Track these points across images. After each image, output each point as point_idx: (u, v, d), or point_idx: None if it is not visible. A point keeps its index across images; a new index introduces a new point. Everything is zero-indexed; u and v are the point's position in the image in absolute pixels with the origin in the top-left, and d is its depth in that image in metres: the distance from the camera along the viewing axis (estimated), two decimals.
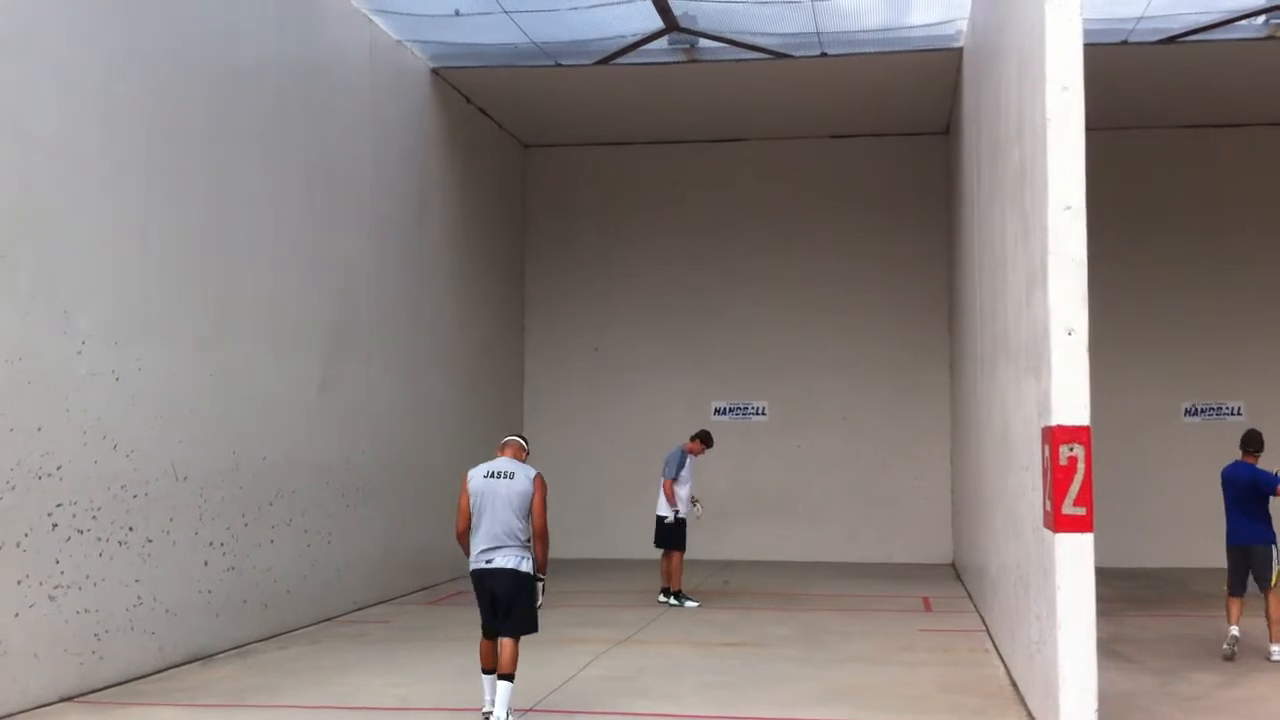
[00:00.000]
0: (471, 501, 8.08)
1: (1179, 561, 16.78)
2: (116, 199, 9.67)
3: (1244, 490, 10.63)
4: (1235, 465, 10.85)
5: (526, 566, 8.00)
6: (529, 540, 8.08)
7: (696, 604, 14.10)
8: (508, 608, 7.97)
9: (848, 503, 19.50)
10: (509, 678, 7.90)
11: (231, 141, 11.31)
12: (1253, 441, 10.83)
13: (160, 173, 10.23)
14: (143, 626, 9.75)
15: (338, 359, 13.31)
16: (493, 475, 8.11)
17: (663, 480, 14.39)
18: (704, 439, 14.76)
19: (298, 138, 12.57)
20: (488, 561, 7.98)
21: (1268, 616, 10.53)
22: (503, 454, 8.39)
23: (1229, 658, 10.49)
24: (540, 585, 8.12)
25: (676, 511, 14.28)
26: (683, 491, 14.39)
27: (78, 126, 9.27)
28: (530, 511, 8.05)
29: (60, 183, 9.05)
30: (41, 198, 8.84)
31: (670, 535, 14.34)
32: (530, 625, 8.08)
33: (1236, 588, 10.65)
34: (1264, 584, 10.51)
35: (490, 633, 8.08)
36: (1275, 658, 10.46)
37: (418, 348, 15.60)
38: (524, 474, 8.13)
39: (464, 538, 8.19)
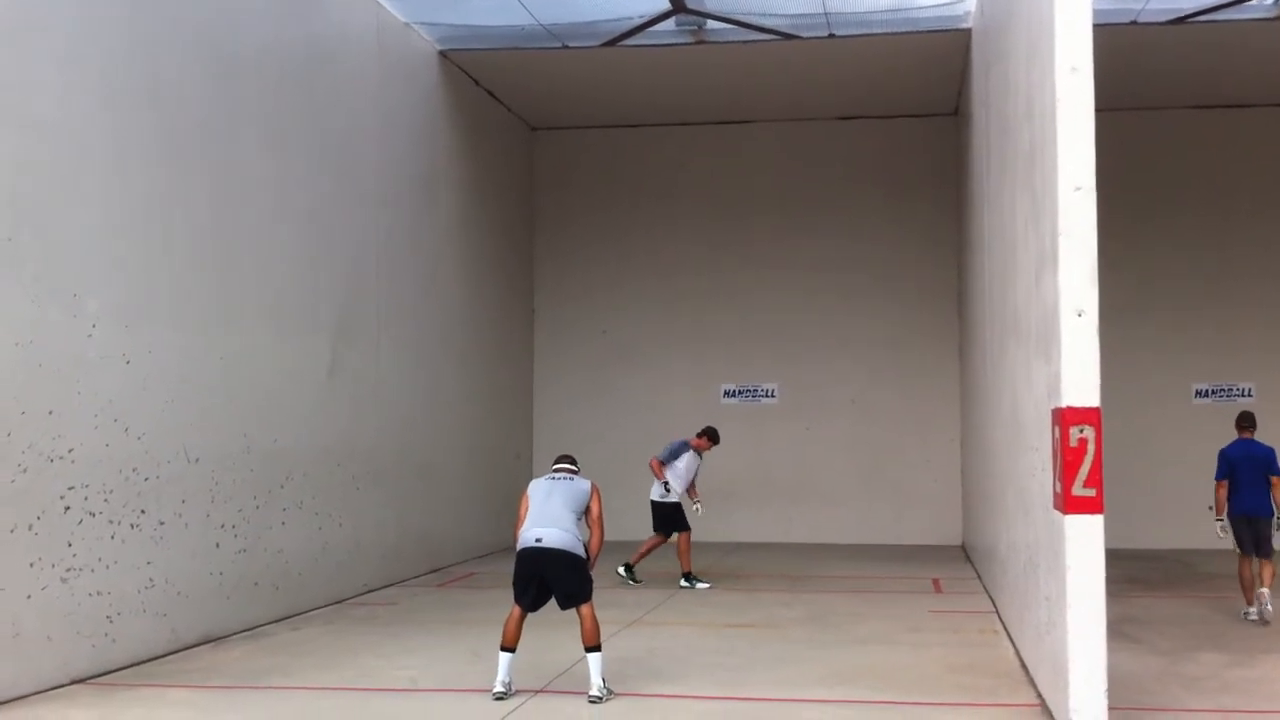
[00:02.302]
0: (530, 500, 8.67)
1: (1187, 543, 16.77)
2: (123, 183, 9.68)
3: (1261, 466, 11.64)
4: (1247, 443, 11.84)
5: (578, 550, 8.49)
6: (578, 534, 8.57)
7: (708, 585, 14.14)
8: (564, 583, 8.45)
9: (857, 484, 19.51)
10: (597, 649, 8.32)
11: (239, 125, 11.31)
12: (1252, 420, 12.02)
13: (167, 157, 10.23)
14: (155, 608, 9.79)
15: (347, 342, 13.33)
16: (553, 478, 8.80)
17: (651, 459, 14.52)
18: (711, 436, 14.88)
19: (305, 121, 12.56)
20: (537, 540, 8.44)
21: (1260, 579, 11.52)
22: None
23: (1266, 619, 11.32)
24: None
25: (666, 485, 14.39)
26: (675, 481, 14.48)
27: (83, 110, 9.26)
28: (584, 509, 8.67)
29: (66, 167, 9.06)
30: (47, 182, 8.85)
31: (670, 519, 14.43)
32: (589, 591, 8.53)
33: (1249, 549, 11.63)
34: (1267, 550, 11.56)
35: (525, 607, 8.53)
36: (1252, 617, 11.52)
37: (427, 330, 15.62)
38: (581, 481, 8.86)
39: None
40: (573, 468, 9.05)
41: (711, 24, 15.55)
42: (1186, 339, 18.67)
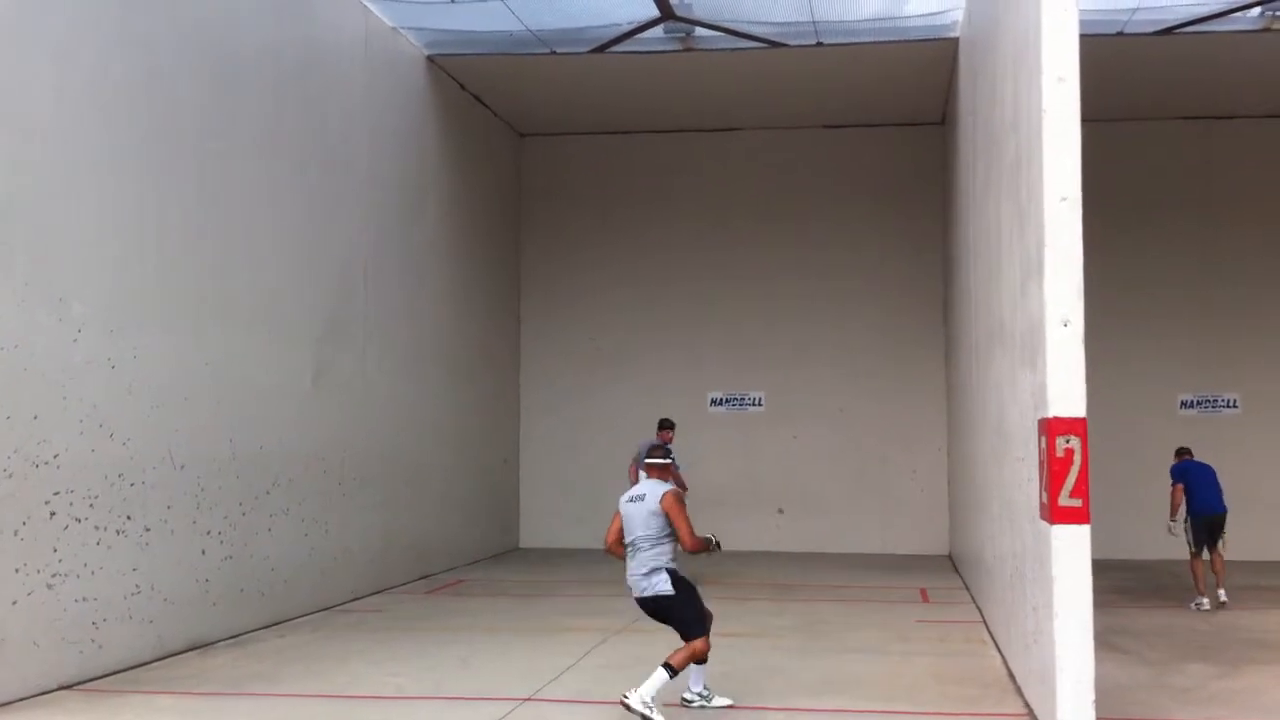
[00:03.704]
0: (620, 522, 8.44)
1: (1174, 554, 16.76)
2: (112, 186, 9.65)
3: (1210, 472, 13.54)
4: (1196, 461, 13.73)
5: (665, 587, 8.16)
6: (660, 551, 8.22)
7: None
8: (671, 621, 8.31)
9: (844, 493, 19.52)
10: (669, 668, 7.98)
11: (227, 128, 11.29)
12: (1189, 451, 14.06)
13: (156, 160, 10.21)
14: (141, 615, 9.75)
15: (334, 347, 13.30)
16: (631, 500, 8.45)
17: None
18: (661, 425, 15.32)
19: (293, 125, 12.55)
20: (629, 589, 8.32)
21: (1215, 570, 13.37)
22: (645, 473, 8.62)
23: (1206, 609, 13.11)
24: (713, 541, 8.41)
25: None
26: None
27: (73, 113, 9.24)
28: (661, 527, 8.21)
29: (56, 169, 9.03)
30: (36, 184, 8.82)
31: None
32: (694, 625, 8.21)
33: (1203, 547, 13.45)
34: (1217, 543, 13.40)
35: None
36: (1224, 599, 13.27)
37: (414, 336, 15.60)
38: (653, 495, 8.29)
39: (611, 550, 8.54)
40: (663, 461, 8.56)
41: (700, 31, 15.58)
42: (1172, 350, 18.73)
